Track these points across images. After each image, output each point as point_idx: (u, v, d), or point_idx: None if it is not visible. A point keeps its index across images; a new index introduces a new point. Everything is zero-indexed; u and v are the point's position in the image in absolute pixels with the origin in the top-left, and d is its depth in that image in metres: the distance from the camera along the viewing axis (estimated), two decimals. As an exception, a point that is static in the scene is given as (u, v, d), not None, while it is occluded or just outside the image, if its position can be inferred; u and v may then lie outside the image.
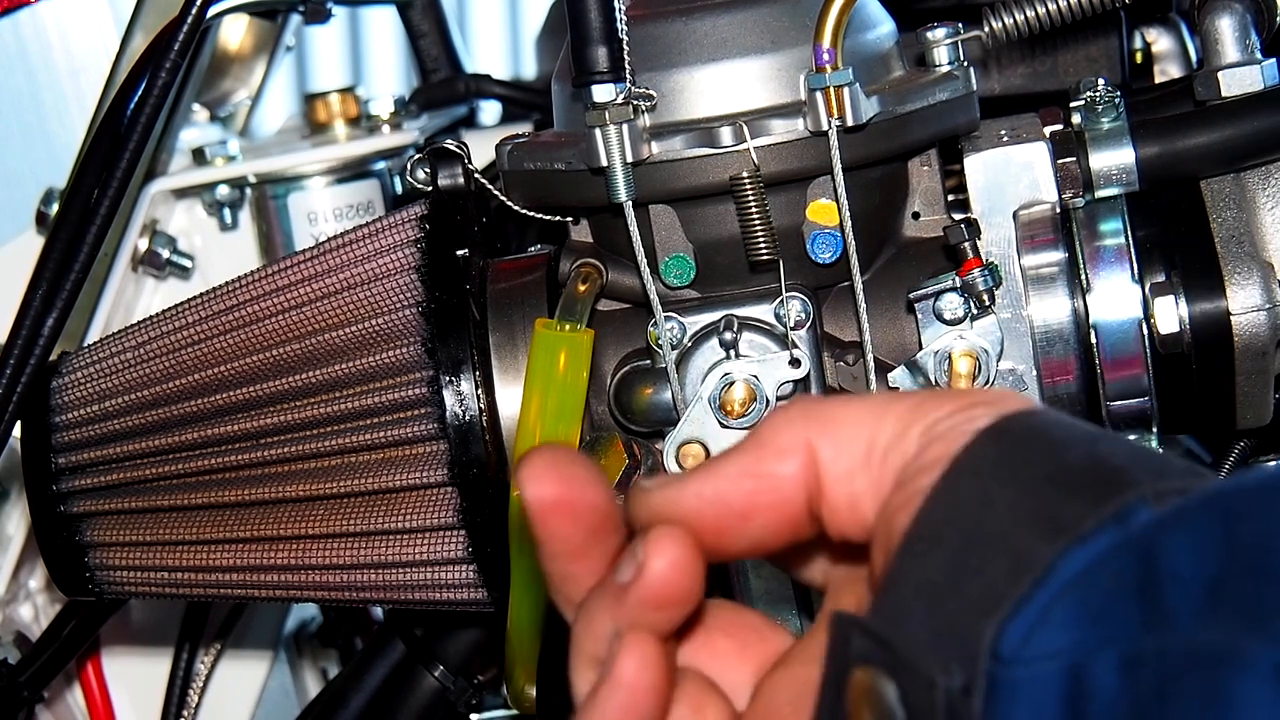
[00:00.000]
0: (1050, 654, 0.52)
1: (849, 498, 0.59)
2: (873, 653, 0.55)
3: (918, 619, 0.54)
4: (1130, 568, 0.52)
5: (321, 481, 0.98)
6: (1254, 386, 0.99)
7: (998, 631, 0.53)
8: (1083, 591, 0.52)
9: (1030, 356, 0.98)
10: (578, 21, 0.93)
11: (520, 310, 1.00)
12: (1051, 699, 0.51)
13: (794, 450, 0.60)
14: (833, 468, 0.59)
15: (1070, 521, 0.54)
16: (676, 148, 0.94)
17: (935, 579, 0.55)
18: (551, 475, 0.60)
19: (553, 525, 0.61)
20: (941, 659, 0.53)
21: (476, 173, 1.04)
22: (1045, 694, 0.52)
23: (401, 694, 1.18)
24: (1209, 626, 0.49)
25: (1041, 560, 0.53)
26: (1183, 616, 0.50)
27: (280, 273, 1.02)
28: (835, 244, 0.96)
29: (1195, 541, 0.51)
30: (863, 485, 0.59)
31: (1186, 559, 0.51)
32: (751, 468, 0.60)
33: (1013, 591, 0.53)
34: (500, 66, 4.17)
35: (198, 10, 1.08)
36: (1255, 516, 0.51)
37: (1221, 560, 0.50)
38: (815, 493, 0.60)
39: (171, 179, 1.32)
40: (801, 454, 0.59)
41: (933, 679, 0.53)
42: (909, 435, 0.58)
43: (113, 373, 1.03)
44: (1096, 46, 1.20)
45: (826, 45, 0.92)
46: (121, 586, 1.05)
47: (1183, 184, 1.00)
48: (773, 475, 0.60)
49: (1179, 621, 0.50)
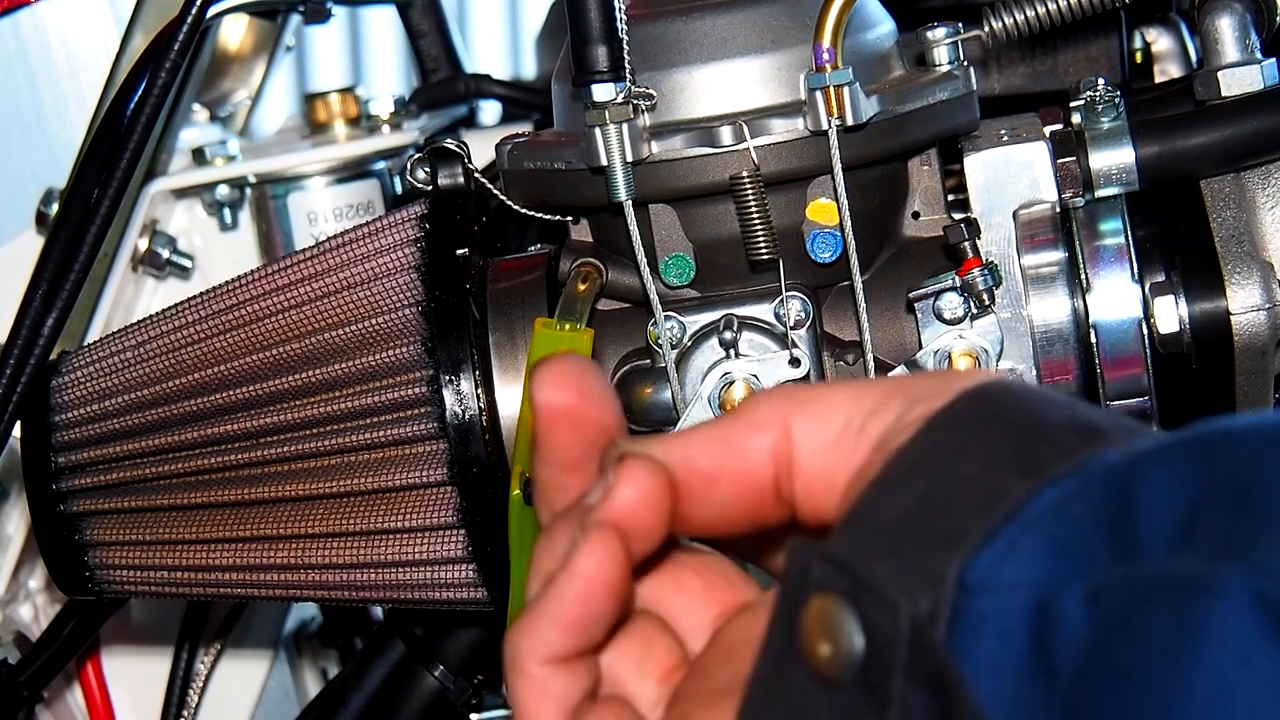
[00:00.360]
0: (1017, 584, 0.51)
1: (824, 471, 0.59)
2: (833, 580, 0.54)
3: (881, 549, 0.54)
4: (1104, 500, 0.52)
5: (321, 481, 0.98)
6: (1254, 386, 0.99)
7: (964, 562, 0.52)
8: (1053, 523, 0.52)
9: (1030, 356, 0.98)
10: (578, 21, 0.93)
11: (520, 309, 1.00)
12: (1018, 630, 0.51)
13: (768, 425, 0.60)
14: (807, 443, 0.59)
15: (1044, 463, 0.54)
16: (676, 147, 0.94)
17: (901, 515, 0.54)
18: (567, 384, 0.60)
19: (557, 433, 0.61)
20: (906, 586, 0.52)
21: (476, 172, 1.04)
22: (1012, 625, 0.51)
23: (401, 694, 1.18)
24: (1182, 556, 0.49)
25: (1013, 496, 0.53)
26: (1155, 548, 0.50)
27: (280, 272, 1.02)
28: (835, 243, 0.96)
29: (1172, 475, 0.51)
30: (837, 457, 0.59)
31: (1162, 492, 0.50)
32: (723, 436, 0.60)
33: (981, 524, 0.53)
34: (500, 66, 4.17)
35: (198, 10, 1.08)
36: (1235, 452, 0.50)
37: (1198, 494, 0.50)
38: (785, 471, 0.59)
39: (171, 179, 1.32)
40: (775, 429, 0.59)
41: (897, 604, 0.52)
42: (890, 405, 0.58)
43: (112, 372, 1.03)
44: (1096, 46, 1.20)
45: (826, 45, 0.92)
46: (121, 586, 1.05)
47: (1183, 184, 1.00)
48: (742, 444, 0.60)
49: (1150, 552, 0.50)
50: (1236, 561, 0.48)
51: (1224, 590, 0.47)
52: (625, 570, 0.58)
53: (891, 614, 0.52)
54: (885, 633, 0.52)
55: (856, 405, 0.59)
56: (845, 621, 0.53)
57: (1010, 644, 0.51)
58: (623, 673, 0.62)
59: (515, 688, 0.59)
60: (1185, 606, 0.48)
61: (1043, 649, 0.50)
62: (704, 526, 0.61)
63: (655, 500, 0.58)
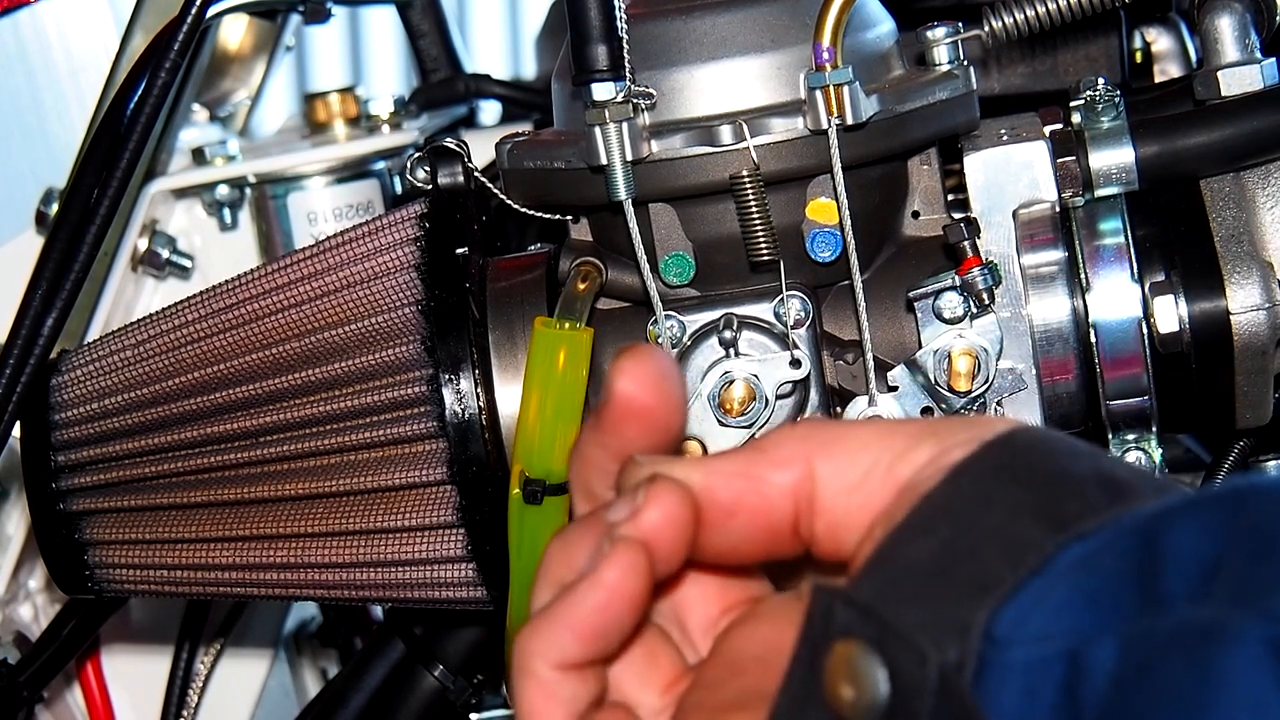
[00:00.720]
0: (1045, 636, 0.52)
1: (847, 511, 0.59)
2: (858, 626, 0.54)
3: (907, 596, 0.54)
4: (1132, 553, 0.52)
5: (320, 480, 0.98)
6: (1254, 386, 0.99)
7: (992, 612, 0.52)
8: (1082, 576, 0.52)
9: (1030, 355, 0.98)
10: (578, 20, 0.93)
11: (520, 309, 1.00)
12: (1046, 682, 0.51)
13: (791, 462, 0.60)
14: (831, 482, 0.59)
15: (1071, 518, 0.54)
16: (676, 146, 0.94)
17: (926, 561, 0.54)
18: (647, 382, 0.61)
19: (625, 426, 0.61)
20: (933, 635, 0.52)
21: (476, 171, 1.04)
22: (1039, 677, 0.51)
23: (401, 693, 1.18)
24: (1201, 606, 0.49)
25: (1041, 549, 0.53)
26: (1178, 598, 0.50)
27: (280, 271, 1.02)
28: (835, 243, 0.96)
29: (1199, 528, 0.51)
30: (862, 498, 0.59)
31: (1189, 544, 0.51)
32: (745, 469, 0.60)
33: (1009, 576, 0.53)
34: (500, 66, 4.17)
35: (198, 10, 1.08)
36: (1259, 506, 0.51)
37: (1221, 546, 0.50)
38: (806, 508, 0.59)
39: (171, 179, 1.32)
40: (798, 467, 0.59)
41: (925, 653, 0.52)
42: (920, 449, 0.58)
43: (112, 371, 1.03)
44: (1096, 46, 1.20)
45: (826, 44, 0.92)
46: (120, 585, 1.05)
47: (1182, 183, 1.00)
48: (764, 480, 0.60)
49: (1174, 603, 0.50)
50: (1249, 608, 0.48)
51: (1237, 638, 0.48)
52: (647, 586, 0.58)
53: (919, 662, 0.52)
54: (912, 680, 0.52)
55: (884, 446, 0.59)
56: (870, 667, 0.53)
57: (1037, 696, 0.51)
58: (626, 681, 0.62)
59: (522, 690, 0.59)
60: (1200, 655, 0.48)
61: (1072, 700, 0.51)
62: (718, 555, 0.61)
63: (681, 525, 0.59)
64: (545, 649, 0.58)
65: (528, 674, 0.58)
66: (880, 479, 0.58)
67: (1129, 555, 0.52)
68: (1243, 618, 0.48)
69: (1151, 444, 1.00)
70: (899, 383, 0.96)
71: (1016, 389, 0.97)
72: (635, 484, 0.59)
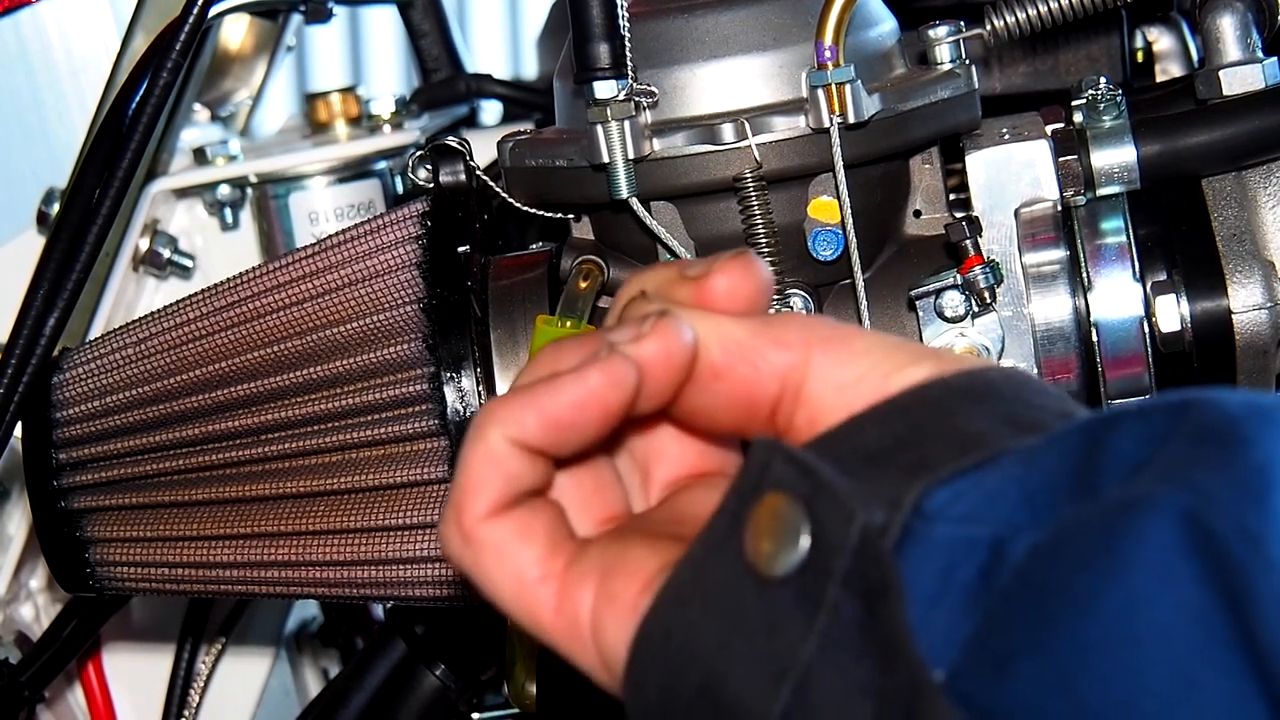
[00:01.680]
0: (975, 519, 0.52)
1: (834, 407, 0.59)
2: (793, 480, 0.54)
3: (848, 468, 0.54)
4: (1073, 452, 0.52)
5: (322, 478, 0.98)
6: (1255, 385, 0.99)
7: (926, 489, 0.52)
8: (1021, 470, 0.52)
9: (1031, 354, 0.98)
10: (579, 18, 0.93)
11: (521, 307, 1.00)
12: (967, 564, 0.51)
13: (791, 345, 0.59)
14: (824, 375, 0.59)
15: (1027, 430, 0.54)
16: (678, 144, 0.94)
17: (875, 446, 0.55)
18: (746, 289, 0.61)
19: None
20: (864, 499, 0.52)
21: (478, 169, 1.04)
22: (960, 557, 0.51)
23: (402, 693, 1.18)
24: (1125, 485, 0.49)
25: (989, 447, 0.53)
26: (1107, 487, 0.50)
27: (281, 269, 1.02)
28: (836, 241, 0.96)
29: (1141, 431, 0.51)
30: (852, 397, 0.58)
31: (1129, 446, 0.51)
32: (746, 339, 0.60)
33: (953, 462, 0.53)
34: (501, 66, 4.17)
35: (199, 10, 1.08)
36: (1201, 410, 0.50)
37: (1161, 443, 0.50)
38: (791, 395, 0.59)
39: (172, 179, 1.32)
40: (796, 352, 0.59)
41: (852, 510, 0.52)
42: (917, 368, 0.58)
43: (113, 369, 1.03)
44: (1098, 45, 1.21)
45: (828, 42, 0.92)
46: (122, 583, 1.05)
47: (1184, 182, 1.00)
48: (761, 354, 0.60)
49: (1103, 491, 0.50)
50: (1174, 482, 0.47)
51: (1154, 507, 0.47)
52: (624, 404, 0.58)
53: (845, 521, 0.52)
54: (834, 538, 0.52)
55: (885, 357, 0.59)
56: (795, 522, 0.53)
57: (954, 575, 0.51)
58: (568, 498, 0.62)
59: (470, 450, 0.59)
60: (1114, 525, 0.48)
61: (987, 586, 0.50)
62: (692, 411, 0.61)
63: (675, 366, 0.59)
64: (505, 420, 0.58)
65: (480, 437, 0.58)
66: (872, 386, 0.58)
67: (1069, 455, 0.52)
68: (1165, 490, 0.48)
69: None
70: (901, 381, 0.96)
71: (1018, 388, 0.97)
72: (643, 315, 0.60)
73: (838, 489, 0.53)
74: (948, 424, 0.55)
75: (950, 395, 0.56)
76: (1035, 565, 0.49)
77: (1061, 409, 0.56)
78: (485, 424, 0.58)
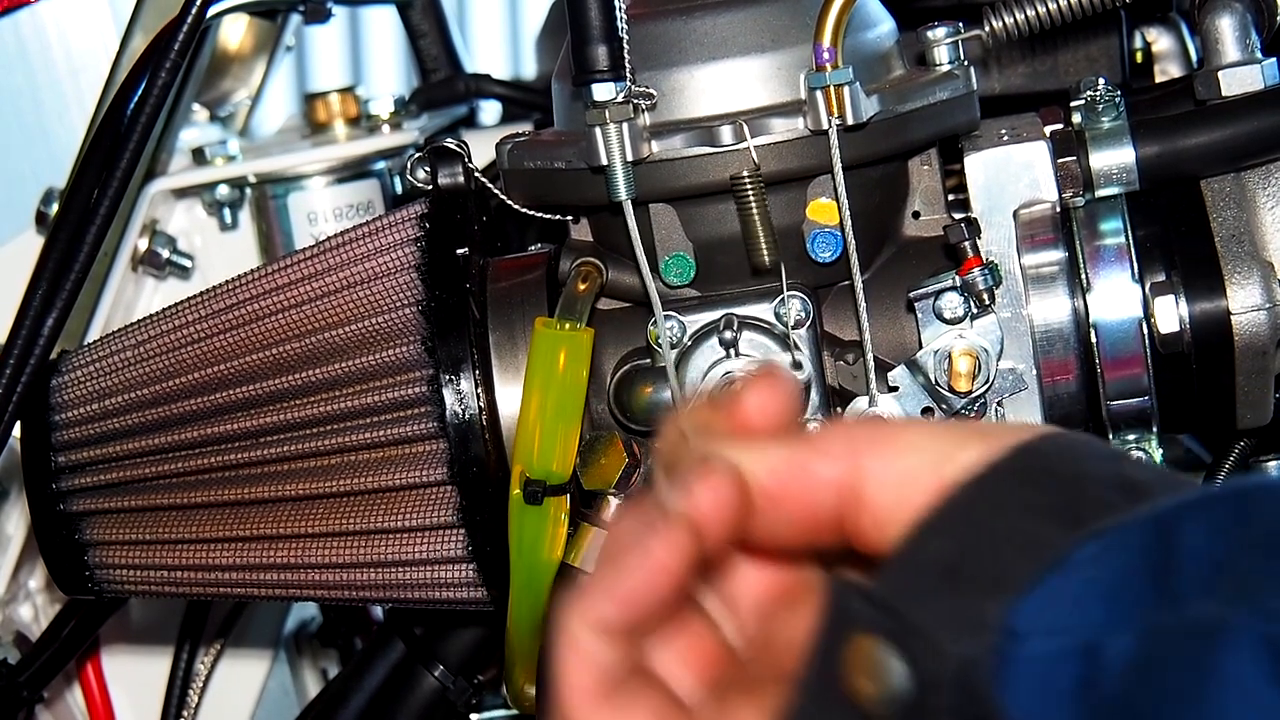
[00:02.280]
0: (1063, 629, 0.52)
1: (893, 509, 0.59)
2: (875, 620, 0.55)
3: (924, 592, 0.55)
4: (1145, 548, 0.52)
5: (321, 480, 0.98)
6: (1254, 386, 0.99)
7: (1008, 607, 0.53)
8: (1097, 571, 0.53)
9: (1030, 356, 0.98)
10: (578, 20, 0.93)
11: (520, 309, 1.00)
12: (1064, 676, 0.52)
13: (838, 455, 0.60)
14: (879, 479, 0.60)
15: (1090, 518, 0.55)
16: (676, 146, 0.94)
17: (944, 559, 0.55)
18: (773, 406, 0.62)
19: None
20: (950, 629, 0.53)
21: (476, 171, 1.04)
22: (1057, 670, 0.52)
23: (401, 694, 1.18)
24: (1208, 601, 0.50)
25: (1059, 547, 0.54)
26: (1189, 593, 0.51)
27: (280, 271, 1.02)
28: (835, 243, 0.96)
29: (1208, 525, 0.52)
30: (908, 497, 0.59)
31: (1199, 541, 0.51)
32: (793, 458, 0.60)
33: (1026, 571, 0.53)
34: (500, 66, 4.16)
35: (198, 10, 1.08)
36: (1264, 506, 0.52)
37: (1229, 542, 0.51)
38: (852, 503, 0.60)
39: (171, 179, 1.32)
40: (845, 462, 0.60)
41: (944, 647, 0.53)
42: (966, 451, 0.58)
43: (112, 371, 1.03)
44: (1097, 46, 1.21)
45: (827, 44, 0.92)
46: (121, 585, 1.05)
47: (1183, 183, 1.00)
48: (810, 471, 0.60)
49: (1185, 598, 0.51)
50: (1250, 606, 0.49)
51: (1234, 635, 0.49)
52: (691, 564, 0.59)
53: (937, 656, 0.53)
54: (931, 674, 0.53)
55: (932, 447, 0.59)
56: (889, 661, 0.54)
57: (1055, 689, 0.52)
58: (666, 661, 0.63)
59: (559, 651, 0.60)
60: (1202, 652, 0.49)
61: (1089, 693, 0.51)
62: (762, 539, 0.62)
63: (730, 508, 0.59)
64: (584, 612, 0.59)
65: (565, 632, 0.60)
66: (927, 478, 0.59)
67: (1142, 551, 0.53)
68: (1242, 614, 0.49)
69: (1152, 444, 1.00)
70: (899, 383, 0.96)
71: (1017, 389, 0.97)
72: (687, 464, 0.60)
73: (920, 623, 0.54)
74: (1010, 524, 0.55)
75: (1004, 485, 0.57)
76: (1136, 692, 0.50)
77: (1117, 476, 0.57)
78: (567, 619, 0.60)
